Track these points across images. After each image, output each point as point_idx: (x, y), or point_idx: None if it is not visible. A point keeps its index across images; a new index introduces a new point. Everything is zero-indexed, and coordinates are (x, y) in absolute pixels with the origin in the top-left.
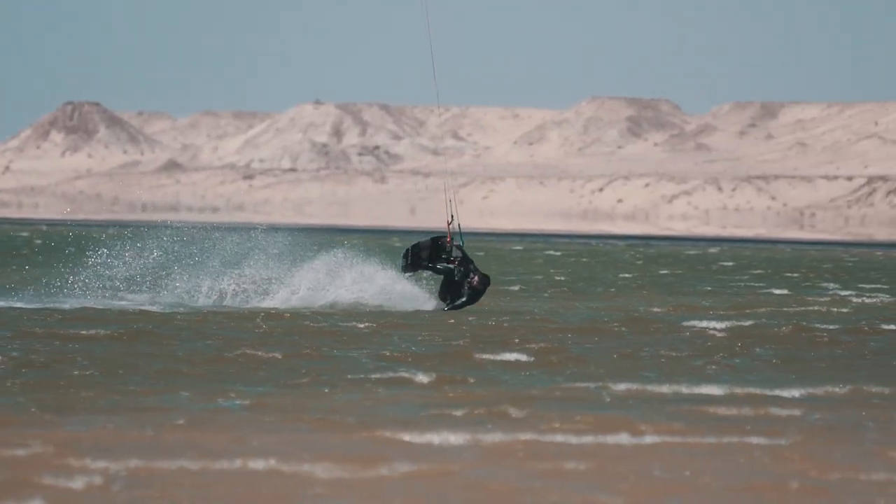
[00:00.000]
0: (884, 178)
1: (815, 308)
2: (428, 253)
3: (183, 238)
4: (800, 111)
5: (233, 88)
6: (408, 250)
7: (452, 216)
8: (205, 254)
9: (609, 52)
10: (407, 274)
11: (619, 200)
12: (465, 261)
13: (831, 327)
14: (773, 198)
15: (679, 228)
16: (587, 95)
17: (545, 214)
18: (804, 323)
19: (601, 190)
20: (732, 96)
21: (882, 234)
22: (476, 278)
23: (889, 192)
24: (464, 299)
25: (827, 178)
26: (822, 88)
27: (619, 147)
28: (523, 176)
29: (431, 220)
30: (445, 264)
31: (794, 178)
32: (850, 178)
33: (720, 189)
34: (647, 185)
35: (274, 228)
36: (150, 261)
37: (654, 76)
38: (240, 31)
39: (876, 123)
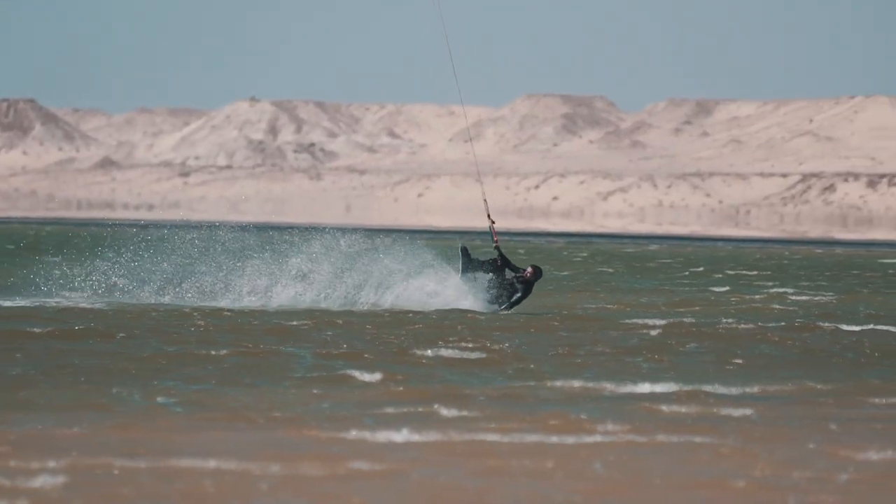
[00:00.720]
0: (818, 176)
1: (755, 305)
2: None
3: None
4: (735, 109)
5: (168, 85)
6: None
7: (491, 218)
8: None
9: (544, 49)
10: (464, 275)
11: (555, 198)
12: (505, 259)
13: (771, 325)
14: (709, 195)
15: (614, 226)
16: (522, 93)
17: (481, 212)
18: (744, 320)
19: (537, 187)
20: (667, 93)
21: (816, 232)
22: (529, 269)
23: (824, 190)
24: (519, 294)
25: (762, 175)
26: (757, 86)
27: (555, 144)
28: (459, 173)
29: (368, 217)
30: (494, 262)
31: (729, 175)
32: (784, 176)
33: (655, 186)
34: (582, 182)
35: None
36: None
37: (590, 74)
38: (175, 27)
39: (811, 121)
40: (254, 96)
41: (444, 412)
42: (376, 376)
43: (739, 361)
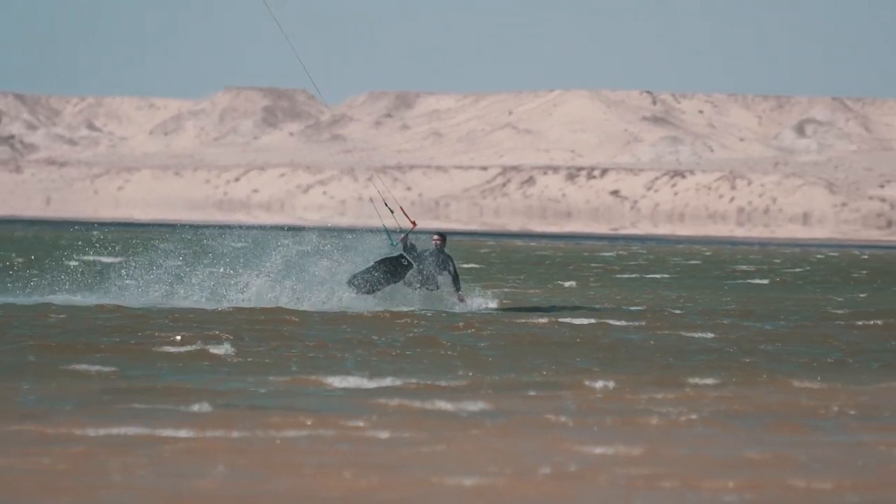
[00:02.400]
0: (517, 169)
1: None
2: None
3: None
4: (435, 101)
5: None
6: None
7: (388, 205)
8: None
9: (244, 42)
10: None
11: (255, 190)
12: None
13: (478, 317)
14: (409, 188)
15: (314, 218)
16: (223, 86)
17: (181, 205)
18: (452, 313)
19: (237, 180)
20: (368, 86)
21: (515, 225)
22: (436, 238)
23: (523, 183)
24: (452, 264)
25: (462, 168)
26: (456, 79)
27: (255, 137)
28: (159, 166)
29: (67, 210)
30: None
31: (429, 168)
32: (484, 168)
33: (356, 179)
34: (282, 175)
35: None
36: None
37: (290, 67)
38: None
39: (510, 113)
40: None
41: (180, 408)
42: (96, 370)
43: (450, 353)
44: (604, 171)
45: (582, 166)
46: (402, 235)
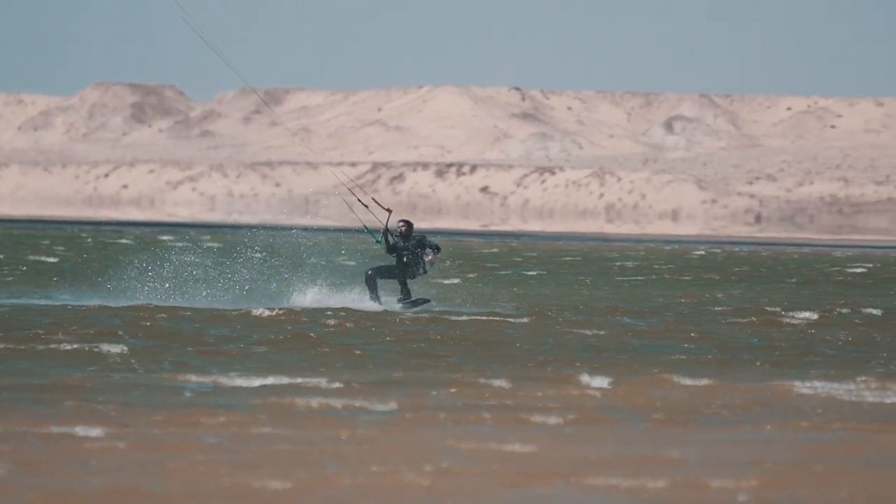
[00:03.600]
0: (387, 165)
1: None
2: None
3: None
4: (304, 98)
5: None
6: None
7: (361, 200)
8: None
9: (112, 37)
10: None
11: (125, 186)
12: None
13: (356, 315)
14: (278, 184)
15: (184, 215)
16: (91, 81)
17: (51, 201)
18: (326, 311)
19: (106, 176)
20: (237, 83)
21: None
22: (402, 225)
23: (392, 179)
24: (431, 243)
25: (331, 164)
26: (325, 75)
27: (124, 133)
28: (28, 162)
29: None
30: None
31: (298, 164)
32: (354, 165)
33: (225, 175)
34: (151, 171)
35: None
36: None
37: (159, 62)
38: None
39: (379, 110)
40: None
41: (48, 405)
42: None
43: (326, 351)
44: (473, 168)
45: (451, 162)
46: (382, 229)
